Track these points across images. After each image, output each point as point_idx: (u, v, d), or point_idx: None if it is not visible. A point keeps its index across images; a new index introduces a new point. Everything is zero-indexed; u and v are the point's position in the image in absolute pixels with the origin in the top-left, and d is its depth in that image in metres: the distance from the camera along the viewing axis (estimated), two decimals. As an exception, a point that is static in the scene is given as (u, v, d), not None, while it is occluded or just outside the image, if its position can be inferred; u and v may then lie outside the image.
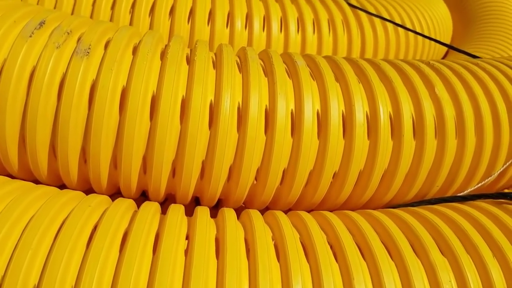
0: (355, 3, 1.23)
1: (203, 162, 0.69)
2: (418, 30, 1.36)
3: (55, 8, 1.01)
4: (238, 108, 0.69)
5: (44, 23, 0.68)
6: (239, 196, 0.74)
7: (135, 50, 0.69)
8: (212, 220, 0.65)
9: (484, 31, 1.62)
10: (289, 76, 0.74)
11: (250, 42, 1.07)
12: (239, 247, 0.58)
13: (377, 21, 1.21)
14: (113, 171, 0.69)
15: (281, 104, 0.69)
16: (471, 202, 0.75)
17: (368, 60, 0.82)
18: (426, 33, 1.42)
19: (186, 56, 0.73)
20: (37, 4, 1.02)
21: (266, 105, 0.70)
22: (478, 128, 0.78)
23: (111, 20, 1.02)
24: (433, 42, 1.37)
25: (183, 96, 0.67)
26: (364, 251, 0.61)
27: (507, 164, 0.82)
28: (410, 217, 0.68)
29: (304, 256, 0.59)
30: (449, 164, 0.77)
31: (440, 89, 0.78)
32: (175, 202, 0.73)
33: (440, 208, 0.72)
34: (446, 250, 0.63)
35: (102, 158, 0.66)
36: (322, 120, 0.71)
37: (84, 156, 0.68)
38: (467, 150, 0.77)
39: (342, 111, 0.72)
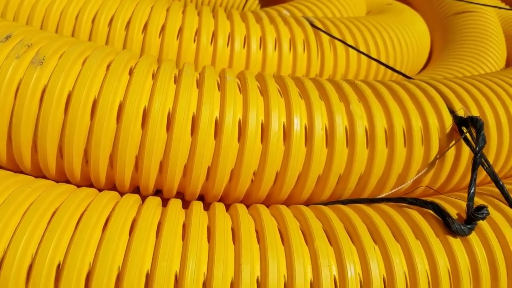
0: (318, 25, 1.33)
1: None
2: (385, 50, 1.45)
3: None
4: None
5: (10, 37, 0.81)
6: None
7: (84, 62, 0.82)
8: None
9: (459, 52, 1.70)
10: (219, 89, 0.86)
11: (214, 57, 1.19)
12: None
13: (338, 42, 1.32)
14: (60, 160, 0.82)
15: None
16: (376, 204, 0.85)
17: (295, 79, 0.93)
18: (397, 52, 1.51)
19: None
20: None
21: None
22: (390, 140, 0.88)
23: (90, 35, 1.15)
24: (398, 62, 1.46)
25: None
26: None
27: (419, 174, 0.92)
28: (308, 210, 0.80)
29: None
30: (359, 171, 0.87)
31: (355, 106, 0.88)
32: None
33: (343, 206, 0.83)
34: (333, 240, 0.74)
35: (48, 149, 0.79)
36: (242, 128, 0.83)
37: (35, 150, 0.81)
38: (376, 159, 0.87)
39: (262, 120, 0.84)
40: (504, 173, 1.05)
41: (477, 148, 0.82)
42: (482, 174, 1.01)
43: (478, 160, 0.81)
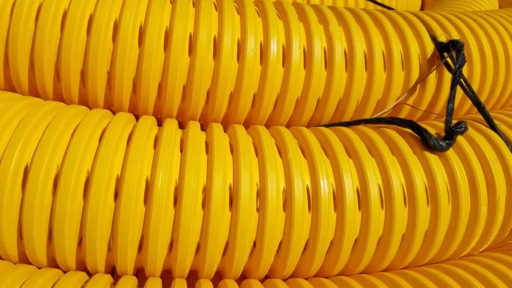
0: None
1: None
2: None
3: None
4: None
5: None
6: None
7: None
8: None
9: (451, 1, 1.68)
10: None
11: None
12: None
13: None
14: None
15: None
16: (354, 126, 0.84)
17: (276, 2, 0.92)
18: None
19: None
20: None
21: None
22: (369, 64, 0.87)
23: None
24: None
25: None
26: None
27: (399, 100, 0.91)
28: (285, 129, 0.79)
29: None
30: (338, 94, 0.87)
31: (334, 27, 0.87)
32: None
33: (321, 128, 0.82)
34: (307, 153, 0.73)
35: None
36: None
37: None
38: (355, 83, 0.86)
39: (238, 38, 0.82)
40: (490, 107, 1.04)
41: (456, 66, 0.81)
42: (466, 106, 0.99)
43: (458, 77, 0.80)
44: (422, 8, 1.82)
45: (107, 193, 0.63)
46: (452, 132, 0.76)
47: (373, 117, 0.90)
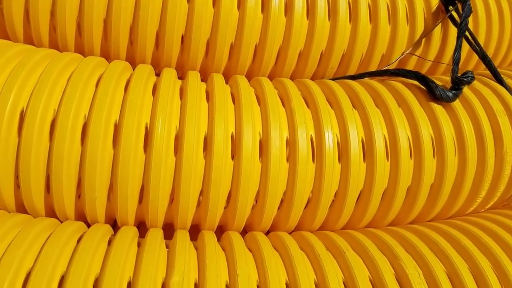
0: None
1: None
2: None
3: None
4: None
5: None
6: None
7: None
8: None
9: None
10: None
11: None
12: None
13: None
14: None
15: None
16: (360, 79, 0.82)
17: None
18: None
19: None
20: None
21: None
22: (374, 16, 0.86)
23: None
24: None
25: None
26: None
27: (404, 54, 0.88)
28: (288, 80, 0.78)
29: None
30: (342, 47, 0.84)
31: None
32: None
33: (326, 80, 0.80)
34: (311, 103, 0.71)
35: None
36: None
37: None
38: (359, 35, 0.84)
39: None
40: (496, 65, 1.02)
41: (463, 16, 0.79)
42: (472, 63, 0.97)
43: (464, 27, 0.78)
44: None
45: (106, 138, 0.61)
46: (459, 82, 0.74)
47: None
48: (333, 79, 0.84)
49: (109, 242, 0.60)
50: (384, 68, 0.87)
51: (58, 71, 0.64)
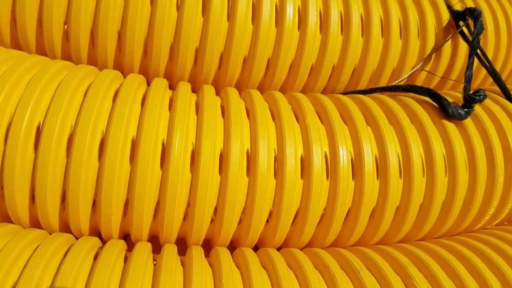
0: None
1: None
2: None
3: None
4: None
5: None
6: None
7: None
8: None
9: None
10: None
11: None
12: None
13: None
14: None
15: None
16: (371, 94, 0.83)
17: None
18: None
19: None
20: None
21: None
22: (385, 30, 0.86)
23: None
24: None
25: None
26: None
27: (414, 69, 0.89)
28: (301, 94, 0.77)
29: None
30: (353, 61, 0.85)
31: (351, -8, 0.84)
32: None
33: (338, 95, 0.80)
34: (325, 119, 0.71)
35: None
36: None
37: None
38: (371, 49, 0.84)
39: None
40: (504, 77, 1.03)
41: (475, 33, 0.79)
42: (479, 78, 0.98)
43: (476, 44, 0.78)
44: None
45: (123, 154, 0.61)
46: (471, 100, 0.74)
47: (390, 84, 0.88)
48: (345, 93, 0.84)
49: (125, 259, 0.60)
50: (395, 83, 0.88)
51: (74, 85, 0.64)
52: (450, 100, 0.77)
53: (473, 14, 0.82)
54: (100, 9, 0.72)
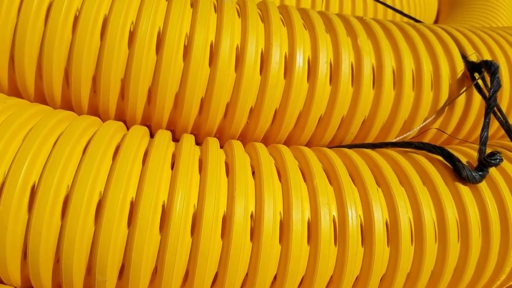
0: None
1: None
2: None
3: None
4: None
5: None
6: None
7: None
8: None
9: (467, 13, 1.64)
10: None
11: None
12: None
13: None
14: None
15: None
16: (380, 149, 0.79)
17: (301, 9, 0.86)
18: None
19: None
20: None
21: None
22: (398, 82, 0.82)
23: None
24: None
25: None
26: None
27: (426, 121, 0.86)
28: (308, 150, 0.74)
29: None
30: (363, 113, 0.81)
31: (363, 40, 0.81)
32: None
33: (347, 150, 0.77)
34: (333, 179, 0.68)
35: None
36: (240, 56, 0.75)
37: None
38: (382, 101, 0.81)
39: (262, 49, 0.77)
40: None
41: (492, 91, 0.76)
42: (492, 128, 0.95)
43: (493, 102, 0.75)
44: (437, 14, 1.77)
45: (121, 218, 0.58)
46: (486, 164, 0.71)
47: (401, 140, 0.85)
48: (354, 145, 0.81)
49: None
50: (406, 135, 0.85)
51: (73, 141, 0.61)
52: (463, 159, 0.74)
53: (490, 68, 0.79)
54: (103, 56, 0.68)
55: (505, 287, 0.79)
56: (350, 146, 0.81)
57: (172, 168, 0.65)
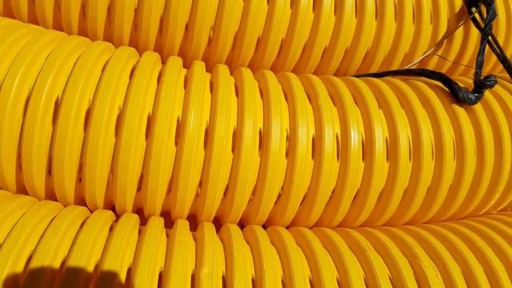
0: None
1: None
2: None
3: None
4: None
5: None
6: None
7: None
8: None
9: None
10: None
11: None
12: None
13: None
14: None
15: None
16: (383, 77, 0.83)
17: None
18: None
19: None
20: None
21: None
22: (399, 14, 0.86)
23: None
24: None
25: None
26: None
27: (426, 54, 0.89)
28: (314, 76, 0.78)
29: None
30: (367, 44, 0.85)
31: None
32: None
33: (351, 77, 0.81)
34: (337, 100, 0.72)
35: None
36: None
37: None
38: (385, 32, 0.85)
39: None
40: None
41: (487, 19, 0.80)
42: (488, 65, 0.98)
43: (488, 30, 0.79)
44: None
45: (139, 131, 0.62)
46: (481, 85, 0.75)
47: (402, 68, 0.88)
48: (357, 76, 0.85)
49: (139, 232, 0.62)
50: (407, 67, 0.88)
51: (92, 62, 0.65)
52: (461, 85, 0.77)
53: (486, 0, 0.82)
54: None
55: (499, 208, 0.83)
56: (355, 76, 0.85)
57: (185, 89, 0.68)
